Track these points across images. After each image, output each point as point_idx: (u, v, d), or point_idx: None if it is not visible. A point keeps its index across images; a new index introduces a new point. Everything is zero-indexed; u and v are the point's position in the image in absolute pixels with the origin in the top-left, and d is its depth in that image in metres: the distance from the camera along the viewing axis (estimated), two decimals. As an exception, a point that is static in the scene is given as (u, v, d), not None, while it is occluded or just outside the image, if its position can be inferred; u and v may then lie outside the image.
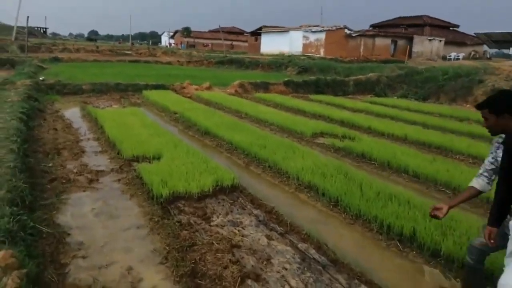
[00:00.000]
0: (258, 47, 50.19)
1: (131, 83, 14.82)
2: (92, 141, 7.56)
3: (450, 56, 38.45)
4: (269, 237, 3.97)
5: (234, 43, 69.14)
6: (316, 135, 8.70)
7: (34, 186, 4.88)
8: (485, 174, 2.82)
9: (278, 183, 5.70)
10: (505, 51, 38.43)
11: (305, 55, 38.07)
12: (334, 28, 39.85)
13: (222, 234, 3.96)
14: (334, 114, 11.16)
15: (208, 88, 15.71)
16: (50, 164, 5.91)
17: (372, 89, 18.81)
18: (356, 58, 37.29)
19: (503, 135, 2.63)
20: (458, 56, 38.12)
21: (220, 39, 68.80)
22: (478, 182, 2.84)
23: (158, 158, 6.25)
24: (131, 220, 4.28)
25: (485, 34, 37.27)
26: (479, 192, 2.84)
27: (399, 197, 4.76)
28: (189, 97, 14.21)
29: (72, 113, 10.42)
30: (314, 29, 41.08)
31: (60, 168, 5.77)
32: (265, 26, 50.57)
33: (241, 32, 79.12)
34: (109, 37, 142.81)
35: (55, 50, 37.29)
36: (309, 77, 18.72)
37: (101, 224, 4.17)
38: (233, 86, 16.21)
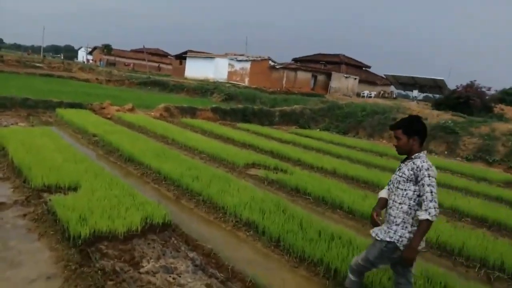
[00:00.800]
0: (182, 71, 49.60)
1: (42, 99, 13.32)
2: (-10, 165, 6.42)
3: (363, 93, 41.64)
4: (209, 287, 3.50)
5: (154, 64, 67.63)
6: (248, 165, 8.45)
7: None
8: (388, 185, 3.23)
9: (214, 220, 5.25)
10: (409, 92, 42.76)
11: (230, 83, 38.41)
12: (259, 58, 41.02)
13: (155, 284, 3.40)
14: (263, 145, 11.06)
15: (131, 110, 14.77)
16: None
17: (296, 120, 19.32)
18: (279, 89, 38.60)
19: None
20: (371, 94, 41.46)
21: (143, 59, 67.01)
22: (383, 192, 3.24)
23: (75, 189, 5.44)
24: (39, 268, 3.50)
25: (393, 76, 41.31)
26: (387, 200, 3.18)
27: (341, 237, 4.62)
28: (109, 118, 13.18)
29: (-33, 130, 8.90)
30: (239, 58, 41.87)
31: None
32: (190, 51, 50.31)
33: (165, 55, 77.89)
34: (16, 47, 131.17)
35: (-51, 56, 32.93)
36: (237, 105, 18.68)
37: (-1, 274, 3.34)
38: (158, 109, 15.47)
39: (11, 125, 9.99)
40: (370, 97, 40.82)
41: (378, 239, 3.01)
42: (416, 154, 2.93)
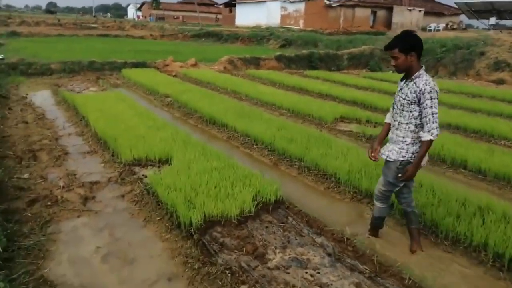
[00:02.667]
0: (233, 19, 47.91)
1: (107, 61, 13.05)
2: (74, 137, 6.12)
3: (430, 27, 37.70)
4: (359, 286, 2.84)
5: (204, 15, 66.05)
6: (336, 120, 7.56)
7: (7, 214, 3.51)
8: (392, 107, 3.21)
9: (326, 190, 4.53)
10: (484, 21, 38.14)
11: (284, 27, 36.43)
12: (313, -2, 38.21)
13: (293, 285, 2.79)
14: (342, 94, 10.04)
15: (194, 65, 14.17)
16: (26, 176, 4.50)
17: (366, 63, 17.76)
18: (336, 29, 36.02)
19: None
20: (439, 27, 37.44)
21: (191, 11, 65.76)
22: (387, 117, 3.31)
23: (167, 161, 4.95)
24: (156, 265, 3.03)
25: (466, 3, 36.81)
26: (389, 126, 3.24)
27: (491, 209, 3.73)
28: (174, 76, 12.69)
29: (43, 99, 8.78)
30: (292, -1, 39.30)
31: (40, 181, 4.37)
32: (240, -3, 48.12)
33: (211, 4, 75.86)
34: (69, 9, 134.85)
35: (12, 24, 34.09)
36: (301, 51, 17.40)
37: (115, 275, 2.90)
38: (221, 62, 14.72)
39: (83, 90, 9.77)
40: (438, 30, 36.88)
41: (391, 160, 3.08)
42: (417, 74, 2.91)
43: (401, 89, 3.04)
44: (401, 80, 3.08)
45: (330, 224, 3.67)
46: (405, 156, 3.01)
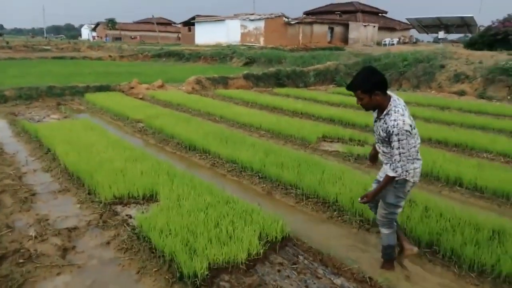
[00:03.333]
0: (192, 38, 47.67)
1: (67, 85, 12.24)
2: (41, 173, 5.48)
3: (385, 41, 39.31)
4: (398, 337, 2.53)
5: (162, 34, 65.41)
6: (319, 139, 7.37)
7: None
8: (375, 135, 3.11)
9: (329, 220, 4.24)
10: (433, 35, 40.23)
11: (244, 45, 36.58)
12: (272, 15, 38.85)
13: None
14: (318, 111, 9.92)
15: (161, 87, 13.66)
16: (-11, 225, 3.87)
17: (332, 78, 17.96)
18: (296, 46, 36.60)
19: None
20: (393, 42, 39.13)
21: (149, 30, 65.00)
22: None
23: (152, 197, 4.49)
24: (161, 331, 2.57)
25: (416, 19, 38.75)
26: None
27: (506, 231, 3.58)
28: (141, 99, 12.15)
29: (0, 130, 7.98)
30: (252, 17, 39.73)
31: (6, 232, 3.77)
32: (198, 15, 48.13)
33: (168, 23, 75.41)
34: (17, 31, 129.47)
35: (-45, 48, 32.00)
36: (268, 69, 17.33)
37: None
38: (188, 83, 14.30)
39: (44, 119, 9.02)
40: (393, 44, 38.47)
41: None
42: (385, 111, 2.82)
43: (375, 121, 2.99)
44: (375, 114, 2.96)
45: (344, 259, 3.37)
46: (397, 173, 2.86)
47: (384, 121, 2.82)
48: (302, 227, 4.03)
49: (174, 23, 72.99)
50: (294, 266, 3.30)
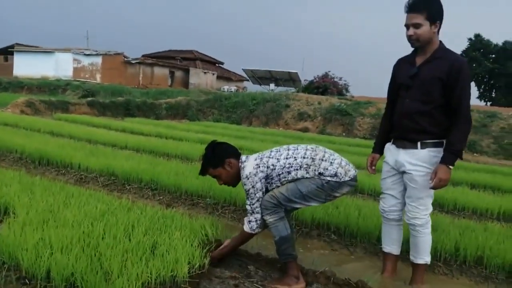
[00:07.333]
0: (10, 69, 40.93)
1: None
2: None
3: (224, 89, 41.52)
4: None
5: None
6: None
7: None
8: None
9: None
10: (265, 86, 44.66)
11: (78, 80, 33.22)
12: (111, 52, 36.78)
13: None
14: (186, 135, 9.16)
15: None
16: None
17: (184, 113, 17.47)
18: (136, 86, 35.22)
19: None
20: (231, 89, 41.63)
21: None
22: None
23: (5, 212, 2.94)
24: None
25: (251, 70, 42.40)
26: None
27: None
28: None
29: None
30: (87, 52, 36.77)
31: None
32: (19, 44, 41.95)
33: (-24, 51, 63.69)
34: None
35: None
36: (117, 98, 15.73)
37: None
38: (16, 105, 11.65)
39: None
40: (231, 91, 40.99)
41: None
42: (241, 173, 2.52)
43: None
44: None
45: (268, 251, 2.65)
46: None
47: (242, 180, 2.51)
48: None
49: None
50: (250, 280, 2.39)
